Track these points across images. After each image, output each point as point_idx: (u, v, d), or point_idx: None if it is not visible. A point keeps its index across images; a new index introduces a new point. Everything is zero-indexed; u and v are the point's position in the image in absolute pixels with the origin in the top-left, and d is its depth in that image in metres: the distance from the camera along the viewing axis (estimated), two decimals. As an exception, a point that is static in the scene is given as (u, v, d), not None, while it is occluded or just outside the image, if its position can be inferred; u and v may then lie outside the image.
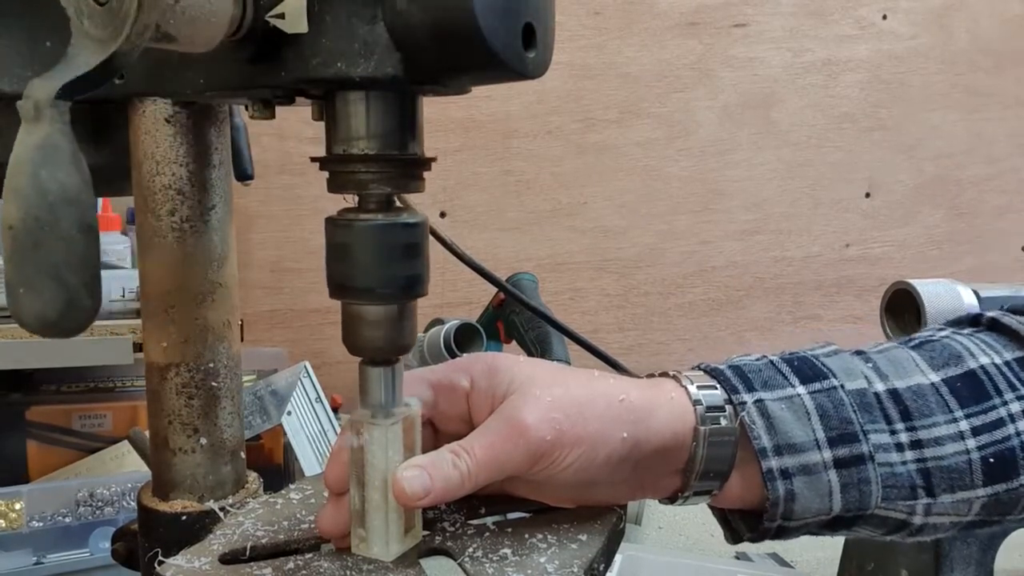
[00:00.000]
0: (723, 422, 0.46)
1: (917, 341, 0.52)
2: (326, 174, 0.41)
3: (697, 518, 1.22)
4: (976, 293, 0.96)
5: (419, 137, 0.41)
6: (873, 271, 1.98)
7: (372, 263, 0.40)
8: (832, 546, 0.98)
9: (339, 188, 0.41)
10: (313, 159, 0.41)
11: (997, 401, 0.48)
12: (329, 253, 0.41)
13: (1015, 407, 0.48)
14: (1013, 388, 0.48)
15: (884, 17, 1.93)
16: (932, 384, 0.49)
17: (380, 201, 0.41)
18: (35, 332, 0.33)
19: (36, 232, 0.31)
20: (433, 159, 0.42)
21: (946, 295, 0.94)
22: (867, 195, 1.97)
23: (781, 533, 0.48)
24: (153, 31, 0.32)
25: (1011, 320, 0.52)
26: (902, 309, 0.98)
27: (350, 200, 0.41)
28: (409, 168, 0.41)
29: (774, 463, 0.46)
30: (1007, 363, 0.49)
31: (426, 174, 0.42)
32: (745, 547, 1.10)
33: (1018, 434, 0.47)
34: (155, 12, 0.31)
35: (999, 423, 0.47)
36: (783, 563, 1.08)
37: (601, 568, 0.44)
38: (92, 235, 0.33)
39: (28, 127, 0.32)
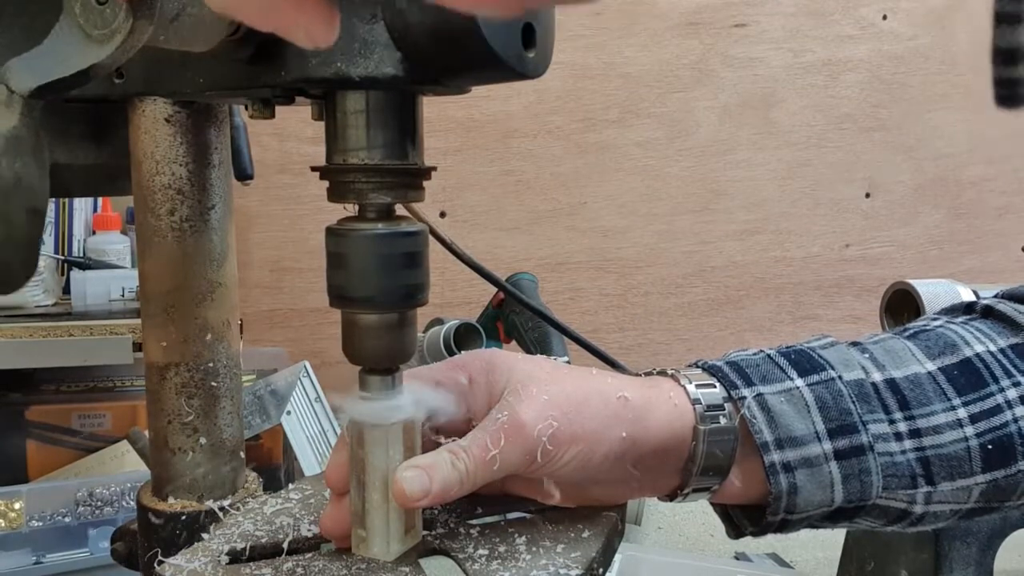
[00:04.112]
0: (722, 421, 0.46)
1: (912, 331, 0.52)
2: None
3: (697, 518, 1.22)
4: (976, 294, 0.96)
5: (419, 146, 0.41)
6: (873, 271, 1.98)
7: (371, 272, 0.40)
8: (832, 546, 0.98)
9: (339, 197, 0.41)
10: (313, 169, 0.41)
11: (994, 388, 0.48)
12: (329, 262, 0.41)
13: (1012, 393, 0.48)
14: (1009, 375, 0.49)
15: (884, 17, 1.93)
16: (929, 373, 0.49)
17: (380, 210, 0.41)
18: None
19: None
20: (433, 168, 0.42)
21: (946, 295, 0.94)
22: (867, 195, 1.97)
23: (784, 527, 0.48)
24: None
25: (1006, 307, 0.52)
26: (902, 309, 0.98)
27: (350, 207, 0.41)
28: (409, 178, 0.41)
29: (776, 457, 0.46)
30: (1002, 350, 0.50)
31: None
32: (744, 547, 1.10)
33: (1015, 420, 0.48)
34: (147, 35, 0.32)
35: (996, 410, 0.48)
36: (782, 563, 1.08)
37: (600, 568, 0.44)
38: (38, 217, 0.35)
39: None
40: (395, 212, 0.42)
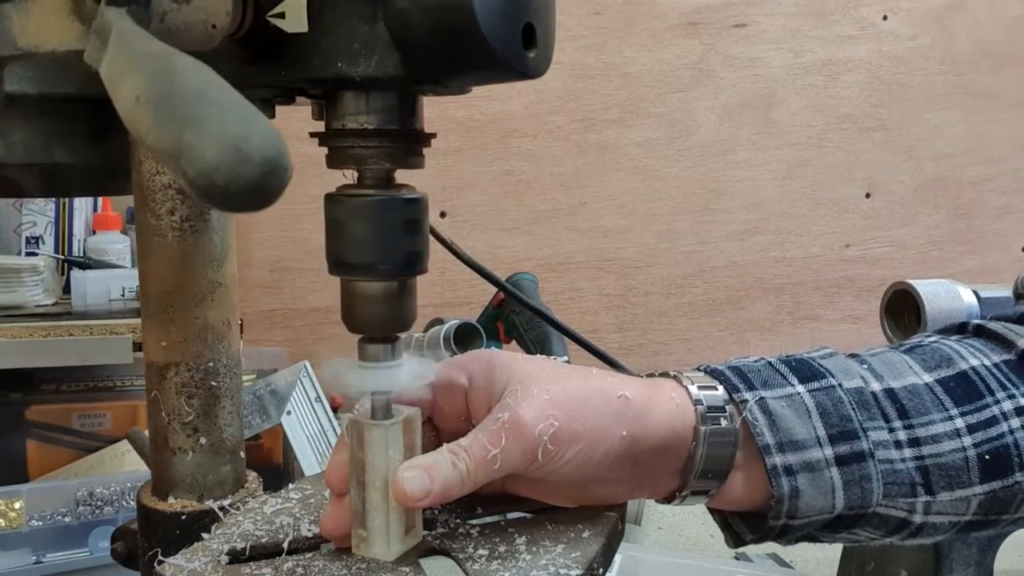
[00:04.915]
0: (723, 422, 0.46)
1: (908, 346, 0.53)
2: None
3: (697, 519, 1.22)
4: (976, 294, 0.96)
5: (419, 113, 0.41)
6: (873, 271, 1.98)
7: (371, 239, 0.40)
8: (832, 547, 0.98)
9: (338, 163, 0.41)
10: (312, 134, 0.41)
11: (990, 400, 0.49)
12: (328, 229, 0.41)
13: (1007, 406, 0.49)
14: (1004, 388, 0.49)
15: (884, 18, 1.93)
16: (926, 384, 0.49)
17: (379, 177, 0.40)
18: (232, 172, 0.26)
19: (164, 77, 0.28)
20: (433, 135, 0.42)
21: (946, 295, 0.94)
22: (867, 195, 1.97)
23: (785, 532, 0.48)
24: None
25: (997, 326, 0.53)
26: (902, 309, 0.98)
27: (350, 178, 0.41)
28: (408, 143, 0.41)
29: (778, 460, 0.46)
30: (996, 365, 0.50)
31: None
32: (745, 547, 1.10)
33: (1011, 431, 0.48)
34: None
35: (993, 421, 0.48)
36: (782, 563, 1.08)
37: (600, 568, 0.44)
38: (212, 70, 0.29)
39: (103, 55, 0.30)
40: (394, 179, 0.41)
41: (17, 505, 0.94)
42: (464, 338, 1.29)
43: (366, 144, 0.40)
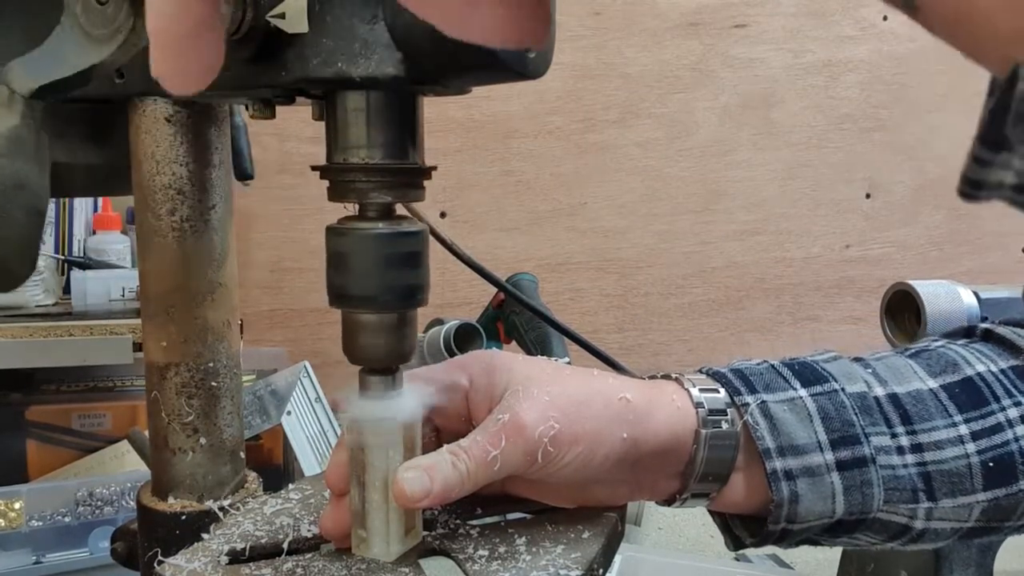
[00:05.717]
0: (724, 426, 0.46)
1: (914, 350, 0.53)
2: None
3: (697, 519, 1.22)
4: (976, 294, 0.96)
5: (419, 146, 0.41)
6: (873, 272, 1.98)
7: (372, 272, 0.40)
8: (832, 548, 0.98)
9: (339, 197, 0.41)
10: (314, 168, 0.41)
11: (995, 407, 0.48)
12: (329, 261, 0.41)
13: (1013, 413, 0.48)
14: (1010, 395, 0.49)
15: (885, 18, 1.93)
16: (931, 390, 0.49)
17: (380, 209, 0.41)
18: None
19: None
20: (433, 168, 0.42)
21: (946, 296, 0.94)
22: (867, 196, 1.97)
23: (784, 536, 0.48)
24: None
25: (1005, 331, 0.52)
26: (902, 310, 0.98)
27: (350, 207, 0.41)
28: (409, 177, 0.41)
29: (778, 464, 0.46)
30: (1003, 371, 0.50)
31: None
32: (745, 549, 1.10)
33: (1016, 439, 0.48)
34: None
35: (998, 428, 0.48)
36: (782, 564, 1.08)
37: (600, 568, 0.44)
38: (38, 217, 0.36)
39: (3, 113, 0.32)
40: (395, 211, 0.41)
41: (17, 505, 0.94)
42: (464, 338, 1.29)
43: (368, 178, 0.40)
